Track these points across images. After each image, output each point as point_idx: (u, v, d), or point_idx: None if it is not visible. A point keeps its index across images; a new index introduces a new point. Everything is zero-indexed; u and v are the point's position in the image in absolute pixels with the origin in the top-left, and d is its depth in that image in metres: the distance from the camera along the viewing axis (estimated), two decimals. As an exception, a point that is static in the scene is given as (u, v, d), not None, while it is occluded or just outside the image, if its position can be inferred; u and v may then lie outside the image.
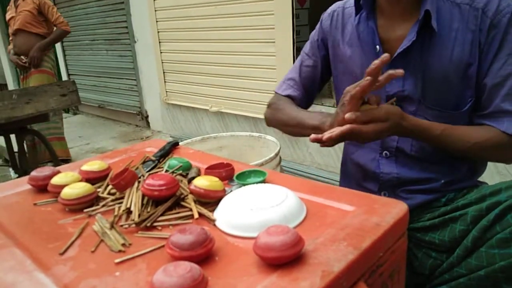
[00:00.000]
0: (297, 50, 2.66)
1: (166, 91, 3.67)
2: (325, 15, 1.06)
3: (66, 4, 4.66)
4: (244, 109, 3.01)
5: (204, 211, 0.65)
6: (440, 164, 0.92)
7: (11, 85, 5.91)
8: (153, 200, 0.69)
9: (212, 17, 3.02)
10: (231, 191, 0.71)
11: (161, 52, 3.57)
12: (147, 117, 4.10)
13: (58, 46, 4.97)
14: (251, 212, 0.59)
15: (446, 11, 0.85)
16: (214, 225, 0.62)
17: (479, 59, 0.84)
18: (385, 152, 0.96)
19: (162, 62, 3.60)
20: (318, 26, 1.07)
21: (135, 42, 3.90)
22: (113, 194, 0.74)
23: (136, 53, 3.94)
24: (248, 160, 1.47)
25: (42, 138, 2.65)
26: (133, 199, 0.69)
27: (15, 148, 2.51)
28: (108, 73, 4.44)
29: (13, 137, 2.47)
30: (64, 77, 5.09)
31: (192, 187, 0.68)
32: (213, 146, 1.47)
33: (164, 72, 3.62)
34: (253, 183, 0.73)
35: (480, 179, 0.99)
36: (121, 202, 0.70)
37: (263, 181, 0.74)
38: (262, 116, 2.80)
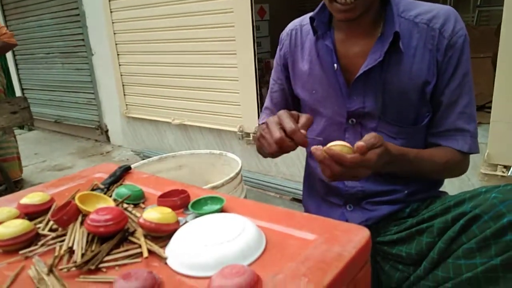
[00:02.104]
0: (258, 61, 2.65)
1: (126, 104, 3.56)
2: (284, 35, 1.05)
3: (18, 16, 4.45)
4: (208, 121, 2.96)
5: (155, 247, 0.60)
6: (403, 176, 0.92)
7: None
8: (99, 237, 0.63)
9: (172, 29, 2.96)
10: (186, 221, 0.67)
11: (119, 65, 3.46)
12: (107, 131, 3.95)
13: (10, 60, 4.74)
14: (206, 248, 0.55)
15: (405, 29, 0.86)
16: (166, 263, 0.57)
17: (437, 78, 0.86)
18: None
19: (121, 75, 3.49)
20: (278, 48, 1.07)
21: (92, 55, 3.77)
22: (55, 230, 0.68)
23: (93, 66, 3.81)
24: (209, 179, 1.42)
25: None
26: (76, 236, 0.63)
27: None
28: (65, 87, 4.26)
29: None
30: (18, 92, 4.84)
31: (141, 220, 0.63)
32: (172, 166, 1.41)
33: (123, 85, 3.51)
34: (209, 212, 0.68)
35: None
36: (63, 240, 0.63)
37: (220, 209, 0.70)
38: (226, 128, 2.80)
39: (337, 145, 0.69)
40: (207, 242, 0.56)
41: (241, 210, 0.71)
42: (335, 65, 0.90)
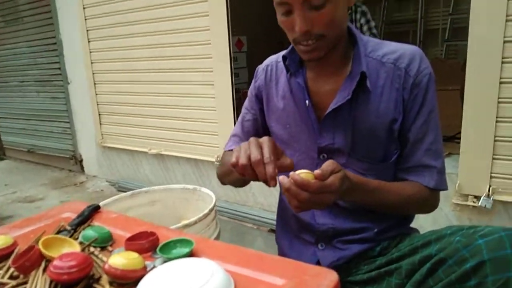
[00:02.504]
0: (236, 92, 2.68)
1: (102, 134, 3.51)
2: (260, 70, 1.07)
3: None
4: (185, 150, 2.94)
5: None
6: (373, 213, 0.93)
7: None
8: (62, 285, 0.60)
9: (149, 59, 2.97)
10: (153, 266, 0.65)
11: (96, 94, 3.43)
12: (81, 161, 3.87)
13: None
14: None
15: (373, 69, 0.88)
16: None
17: (403, 115, 0.89)
18: None
19: (98, 104, 3.45)
20: (253, 81, 1.08)
21: (68, 83, 3.73)
22: (17, 277, 0.65)
23: (69, 94, 3.76)
24: (183, 214, 1.40)
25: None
26: (38, 284, 0.60)
27: None
28: (39, 115, 4.18)
29: None
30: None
31: (106, 267, 0.61)
32: (145, 201, 1.38)
33: (99, 114, 3.47)
34: (178, 256, 0.67)
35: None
36: None
37: (190, 253, 0.69)
38: (204, 158, 2.79)
39: (302, 173, 0.71)
40: None
41: (210, 252, 0.69)
42: (307, 101, 0.92)
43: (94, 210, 0.90)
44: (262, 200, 2.65)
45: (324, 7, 0.78)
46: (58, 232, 0.81)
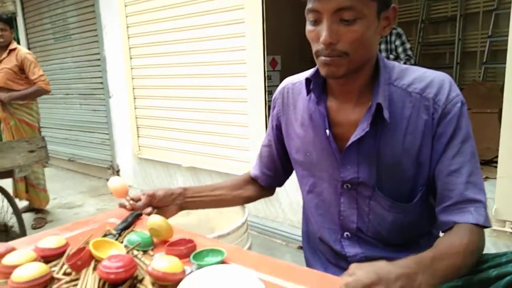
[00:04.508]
0: (268, 109, 2.73)
1: (139, 146, 3.65)
2: (277, 93, 1.04)
3: (43, 58, 4.69)
4: (217, 164, 3.01)
5: None
6: (403, 244, 0.91)
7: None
8: (110, 283, 0.66)
9: (187, 76, 3.10)
10: (191, 271, 0.69)
11: (135, 108, 3.59)
12: (118, 171, 4.03)
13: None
14: None
15: (398, 98, 0.84)
16: None
17: (432, 147, 0.84)
18: (346, 233, 0.94)
19: (136, 118, 3.61)
20: (271, 107, 1.06)
21: (110, 97, 3.92)
22: (69, 274, 0.71)
23: (110, 107, 3.95)
24: (216, 225, 1.44)
25: (7, 196, 2.55)
26: (88, 281, 0.66)
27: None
28: (81, 126, 4.41)
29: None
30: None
31: (149, 269, 0.66)
32: (180, 212, 1.44)
33: (137, 127, 3.62)
34: (210, 264, 0.71)
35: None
36: (76, 285, 0.66)
37: (221, 262, 0.72)
38: (235, 172, 2.84)
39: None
40: None
41: (242, 261, 0.72)
42: (327, 131, 0.88)
43: (137, 216, 0.96)
44: (291, 216, 2.66)
45: (355, 23, 0.75)
46: (105, 236, 0.87)
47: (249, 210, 1.41)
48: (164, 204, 1.04)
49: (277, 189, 1.18)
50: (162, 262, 0.67)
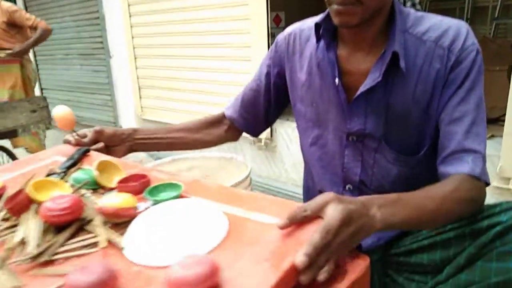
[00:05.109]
0: (272, 68, 2.68)
1: (142, 107, 3.62)
2: (281, 38, 0.99)
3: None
4: (220, 125, 2.99)
5: (113, 236, 0.59)
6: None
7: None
8: (55, 227, 0.62)
9: (188, 34, 3.01)
10: (146, 207, 0.67)
11: (136, 68, 3.53)
12: (122, 133, 4.02)
13: (32, 60, 4.86)
14: (164, 236, 0.56)
15: (411, 47, 0.81)
16: (123, 253, 0.57)
17: (440, 95, 0.80)
18: (348, 186, 0.93)
19: (138, 78, 3.55)
20: (272, 48, 1.01)
21: (110, 57, 3.85)
22: (7, 220, 0.66)
23: (111, 68, 3.89)
24: (218, 181, 1.45)
25: (10, 154, 2.56)
26: (30, 226, 0.61)
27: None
28: (82, 88, 4.36)
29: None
30: (37, 91, 4.96)
31: (99, 206, 0.62)
32: (183, 167, 1.44)
33: (139, 88, 3.58)
34: (167, 198, 0.67)
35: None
36: (16, 231, 0.62)
37: (178, 196, 0.69)
38: (238, 133, 2.82)
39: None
40: (166, 230, 0.57)
41: (202, 193, 0.70)
42: (336, 80, 0.85)
43: (84, 153, 0.89)
44: (294, 176, 2.67)
45: None
46: (48, 176, 0.80)
47: (252, 170, 1.42)
48: (113, 143, 1.02)
49: (281, 149, 1.16)
50: (112, 199, 0.63)
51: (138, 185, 0.73)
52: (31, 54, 4.74)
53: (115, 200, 0.63)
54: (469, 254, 0.72)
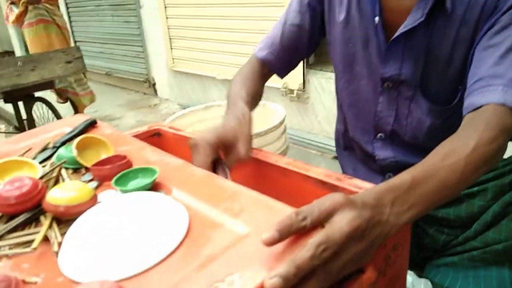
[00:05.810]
0: (306, 15, 2.57)
1: (173, 58, 3.61)
2: None
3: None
4: (251, 76, 2.95)
5: (54, 235, 0.50)
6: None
7: (18, 53, 5.88)
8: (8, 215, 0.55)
9: (218, -20, 2.91)
10: (111, 198, 0.58)
11: (167, 18, 3.48)
12: (154, 84, 4.06)
13: (63, 12, 4.89)
14: (101, 244, 0.46)
15: None
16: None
17: (481, 30, 0.72)
18: (380, 134, 0.90)
19: (169, 28, 3.52)
20: None
21: (141, 7, 3.81)
22: None
23: (141, 19, 3.86)
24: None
25: (49, 105, 2.65)
26: None
27: (24, 116, 2.50)
28: (115, 39, 4.37)
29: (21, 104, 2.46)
30: (71, 44, 5.03)
31: (45, 202, 0.53)
32: (218, 114, 1.43)
33: (170, 39, 3.55)
34: (133, 189, 0.58)
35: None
36: None
37: (151, 184, 0.59)
38: (270, 84, 2.75)
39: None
40: (108, 234, 0.48)
41: (181, 185, 0.60)
42: (377, 18, 0.78)
43: (90, 125, 0.81)
44: (327, 127, 2.63)
45: None
46: (43, 150, 0.74)
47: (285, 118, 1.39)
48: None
49: (314, 101, 1.11)
50: (61, 192, 0.53)
51: (112, 168, 0.63)
52: (63, 7, 4.77)
53: (66, 195, 0.53)
54: (494, 212, 0.73)
